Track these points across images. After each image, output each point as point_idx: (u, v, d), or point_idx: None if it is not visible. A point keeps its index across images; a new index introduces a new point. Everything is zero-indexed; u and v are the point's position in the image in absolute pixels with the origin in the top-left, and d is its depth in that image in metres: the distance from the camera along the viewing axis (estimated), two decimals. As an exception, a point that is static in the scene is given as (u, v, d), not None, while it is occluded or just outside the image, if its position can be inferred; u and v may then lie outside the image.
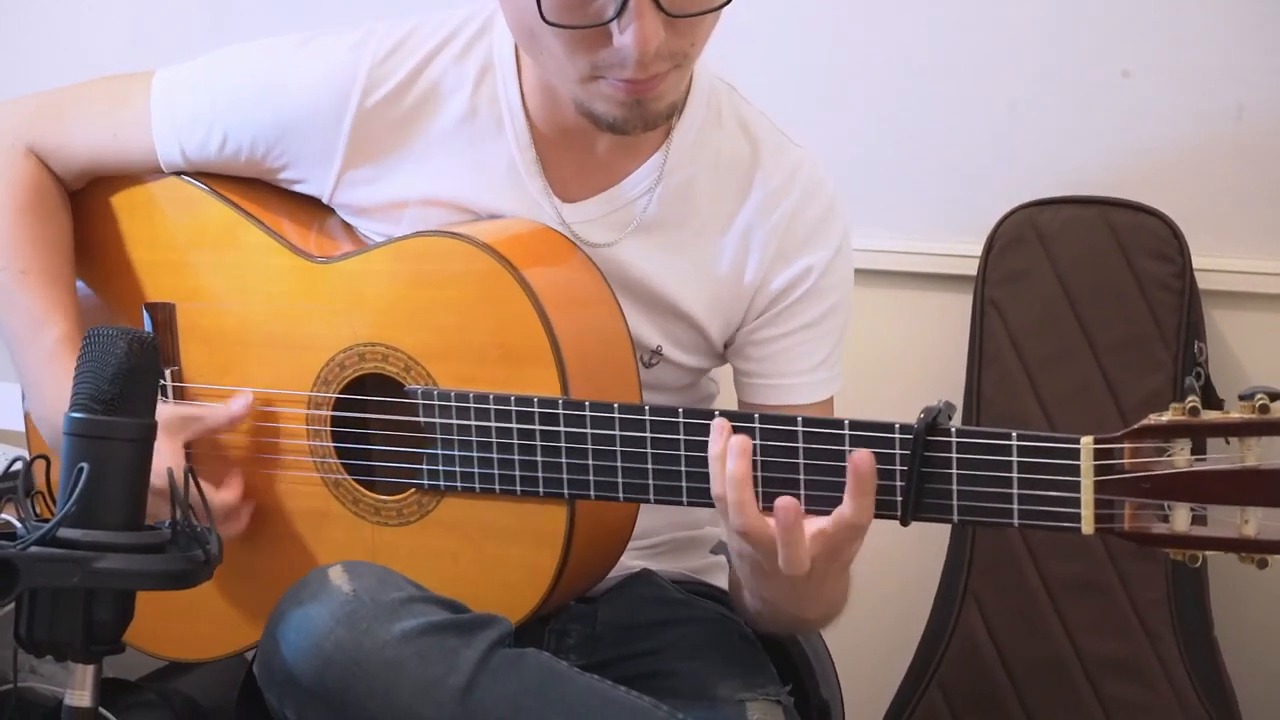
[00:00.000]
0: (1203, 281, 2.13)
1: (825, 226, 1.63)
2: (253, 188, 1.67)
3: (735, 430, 1.39)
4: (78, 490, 1.24)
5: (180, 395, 1.66)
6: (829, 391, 1.66)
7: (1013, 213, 2.19)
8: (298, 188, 1.66)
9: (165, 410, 1.53)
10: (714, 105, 1.63)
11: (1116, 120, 2.17)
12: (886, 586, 2.19)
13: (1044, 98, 2.20)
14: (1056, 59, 2.19)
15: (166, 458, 1.45)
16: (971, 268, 2.20)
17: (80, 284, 1.73)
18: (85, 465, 1.25)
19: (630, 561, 1.67)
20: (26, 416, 1.72)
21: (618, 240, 1.61)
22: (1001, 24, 2.21)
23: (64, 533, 1.24)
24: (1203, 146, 2.15)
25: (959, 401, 2.17)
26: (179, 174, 1.68)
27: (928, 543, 2.21)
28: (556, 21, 1.40)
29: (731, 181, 1.63)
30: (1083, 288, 2.14)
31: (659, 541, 1.72)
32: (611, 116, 1.47)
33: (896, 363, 2.19)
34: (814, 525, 1.37)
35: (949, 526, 2.19)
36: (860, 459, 1.34)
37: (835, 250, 1.64)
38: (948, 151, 2.26)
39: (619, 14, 1.38)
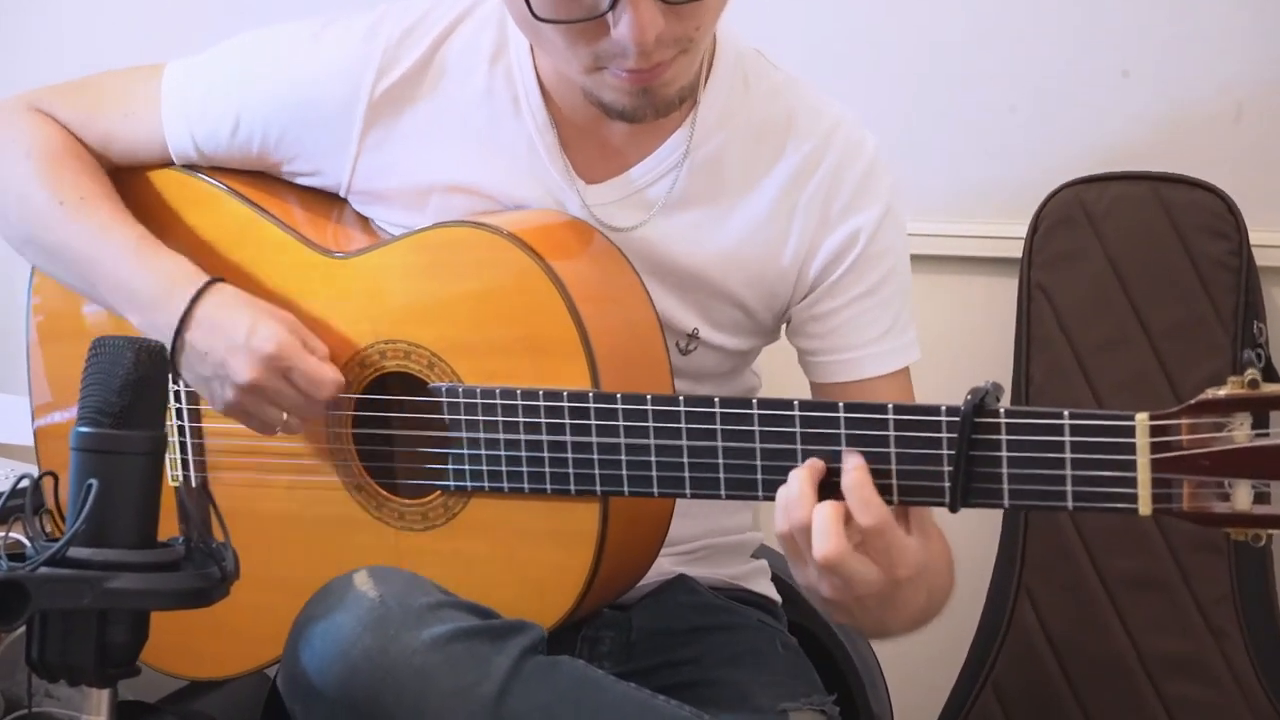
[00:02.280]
0: (1261, 258, 2.09)
1: (869, 186, 1.58)
2: (266, 183, 1.64)
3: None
4: (87, 507, 1.21)
5: (194, 403, 1.63)
6: (902, 361, 1.60)
7: (1058, 191, 2.15)
8: (311, 180, 1.63)
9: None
10: (740, 72, 1.59)
11: (1162, 92, 2.15)
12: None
13: (1084, 70, 2.18)
14: (1098, 29, 2.17)
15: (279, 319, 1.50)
16: (1016, 249, 2.17)
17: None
18: (94, 481, 1.22)
19: (667, 567, 1.63)
20: (35, 431, 1.71)
21: (645, 221, 1.57)
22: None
23: (74, 552, 1.20)
24: (1255, 117, 2.12)
25: (1007, 391, 2.13)
26: (190, 168, 1.64)
27: (979, 536, 2.18)
28: (547, 17, 1.39)
29: (764, 147, 1.58)
30: (1134, 268, 2.11)
31: (696, 547, 1.68)
32: (621, 106, 1.46)
33: (940, 351, 2.13)
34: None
35: (999, 521, 2.18)
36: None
37: (884, 210, 1.58)
38: (987, 128, 2.23)
39: (613, 4, 1.36)
